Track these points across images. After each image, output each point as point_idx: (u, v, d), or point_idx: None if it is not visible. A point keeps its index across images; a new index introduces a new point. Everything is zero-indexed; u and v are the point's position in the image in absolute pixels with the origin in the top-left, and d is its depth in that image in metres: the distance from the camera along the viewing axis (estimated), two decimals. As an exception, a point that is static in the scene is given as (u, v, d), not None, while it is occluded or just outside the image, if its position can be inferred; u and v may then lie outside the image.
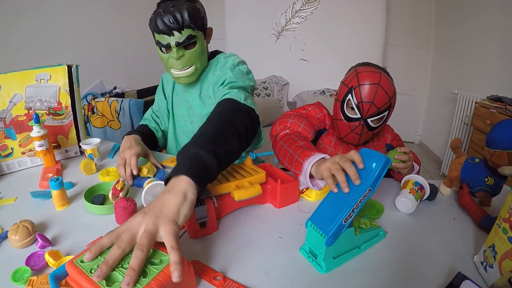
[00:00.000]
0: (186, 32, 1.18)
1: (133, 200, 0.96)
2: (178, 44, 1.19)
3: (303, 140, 1.06)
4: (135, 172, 1.16)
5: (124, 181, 1.06)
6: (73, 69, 1.39)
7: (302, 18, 4.31)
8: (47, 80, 1.37)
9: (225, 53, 1.41)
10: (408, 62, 4.54)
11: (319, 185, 0.96)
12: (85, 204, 1.02)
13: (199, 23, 1.21)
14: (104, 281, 0.58)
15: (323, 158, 0.91)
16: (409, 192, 0.99)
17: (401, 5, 4.31)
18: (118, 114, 2.80)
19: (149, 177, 1.19)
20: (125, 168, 1.17)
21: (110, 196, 1.03)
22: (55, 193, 1.02)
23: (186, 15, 1.15)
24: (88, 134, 2.69)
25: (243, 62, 1.35)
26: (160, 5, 1.20)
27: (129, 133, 1.38)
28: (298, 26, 4.34)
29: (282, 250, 0.82)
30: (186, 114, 1.47)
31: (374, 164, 0.72)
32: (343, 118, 1.16)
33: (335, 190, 0.77)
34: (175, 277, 0.56)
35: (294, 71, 4.43)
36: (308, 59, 4.42)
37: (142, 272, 0.59)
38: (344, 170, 0.77)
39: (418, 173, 1.20)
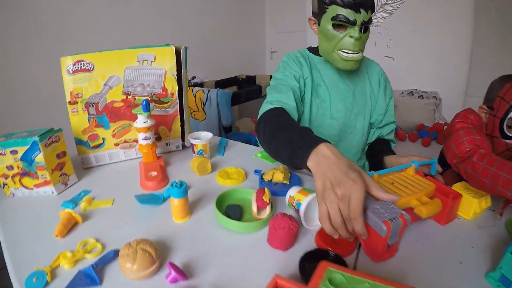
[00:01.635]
0: (369, 14, 1.09)
1: (295, 219, 0.72)
2: (363, 24, 1.07)
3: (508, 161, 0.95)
4: (364, 237, 0.66)
5: (269, 189, 0.82)
6: (181, 51, 1.17)
7: (388, 12, 3.91)
8: (151, 61, 1.16)
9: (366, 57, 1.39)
10: (494, 65, 4.01)
11: None
12: (219, 218, 0.80)
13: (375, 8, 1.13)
14: None
15: None
16: None
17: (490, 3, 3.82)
18: (204, 105, 2.62)
19: (285, 183, 0.96)
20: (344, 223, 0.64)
21: (253, 208, 0.80)
22: (176, 202, 0.80)
23: None
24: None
25: None
26: None
27: (315, 141, 0.73)
28: (384, 20, 3.96)
29: (465, 277, 0.68)
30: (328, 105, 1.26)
31: None
32: (500, 136, 1.08)
33: None
34: None
35: (379, 68, 4.05)
36: (393, 57, 4.06)
37: None
38: None
39: None
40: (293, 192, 0.81)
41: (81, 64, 1.08)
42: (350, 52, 1.10)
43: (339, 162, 0.66)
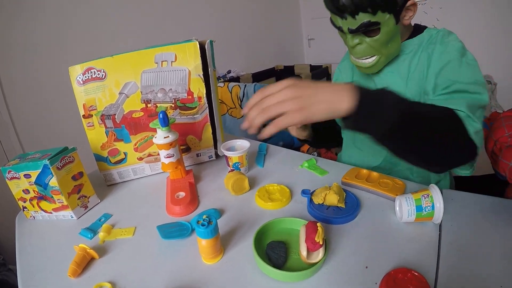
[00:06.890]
0: (362, 18, 0.84)
1: None
2: (351, 31, 0.88)
3: None
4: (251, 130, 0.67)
5: (321, 216, 0.64)
6: (206, 46, 1.00)
7: (432, -11, 3.61)
8: (172, 62, 1.00)
9: (436, 29, 1.00)
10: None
11: None
12: (258, 264, 0.63)
13: (384, 4, 0.83)
14: None
15: None
16: None
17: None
18: (241, 101, 2.46)
19: (340, 207, 0.77)
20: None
21: (302, 251, 0.61)
22: (204, 243, 0.63)
23: None
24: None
25: (465, 47, 0.92)
26: None
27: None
28: (428, -1, 3.67)
29: None
30: None
31: None
32: None
33: None
34: None
35: (427, 50, 3.73)
36: (440, 38, 3.73)
37: None
38: None
39: None
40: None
41: (91, 72, 0.94)
42: (354, 57, 0.97)
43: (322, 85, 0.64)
